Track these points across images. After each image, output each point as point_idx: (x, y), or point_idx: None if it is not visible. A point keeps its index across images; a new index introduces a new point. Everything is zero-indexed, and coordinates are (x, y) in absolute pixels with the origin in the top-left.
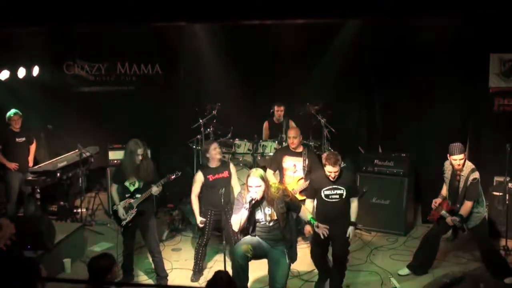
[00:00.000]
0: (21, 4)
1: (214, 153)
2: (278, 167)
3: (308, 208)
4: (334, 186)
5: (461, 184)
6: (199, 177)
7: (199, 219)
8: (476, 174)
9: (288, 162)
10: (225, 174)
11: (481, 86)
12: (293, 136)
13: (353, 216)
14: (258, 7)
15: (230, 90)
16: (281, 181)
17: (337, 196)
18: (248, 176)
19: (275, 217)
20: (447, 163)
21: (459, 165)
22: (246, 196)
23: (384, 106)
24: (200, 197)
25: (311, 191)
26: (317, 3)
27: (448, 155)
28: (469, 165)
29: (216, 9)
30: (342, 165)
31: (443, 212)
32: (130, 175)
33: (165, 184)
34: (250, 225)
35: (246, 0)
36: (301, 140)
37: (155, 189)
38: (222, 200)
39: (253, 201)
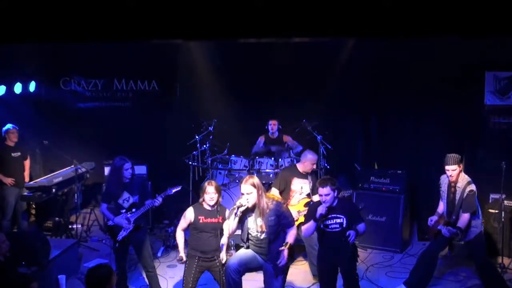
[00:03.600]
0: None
1: (208, 198)
2: (286, 187)
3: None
4: (332, 215)
5: (457, 196)
6: (189, 215)
7: (182, 254)
8: (473, 187)
9: (297, 184)
10: (220, 219)
11: (476, 103)
12: (316, 162)
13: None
14: (254, 26)
15: (226, 106)
16: (286, 202)
17: (337, 225)
18: (241, 183)
19: (265, 229)
20: (443, 177)
21: (451, 176)
22: (237, 202)
23: (380, 123)
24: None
25: (313, 216)
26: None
27: (444, 165)
28: (466, 177)
29: (212, 27)
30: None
31: (440, 226)
32: (120, 192)
33: (164, 198)
34: (242, 232)
35: (242, 18)
36: None
37: (157, 202)
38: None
39: (242, 207)
